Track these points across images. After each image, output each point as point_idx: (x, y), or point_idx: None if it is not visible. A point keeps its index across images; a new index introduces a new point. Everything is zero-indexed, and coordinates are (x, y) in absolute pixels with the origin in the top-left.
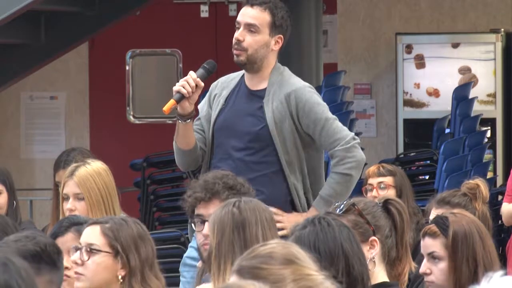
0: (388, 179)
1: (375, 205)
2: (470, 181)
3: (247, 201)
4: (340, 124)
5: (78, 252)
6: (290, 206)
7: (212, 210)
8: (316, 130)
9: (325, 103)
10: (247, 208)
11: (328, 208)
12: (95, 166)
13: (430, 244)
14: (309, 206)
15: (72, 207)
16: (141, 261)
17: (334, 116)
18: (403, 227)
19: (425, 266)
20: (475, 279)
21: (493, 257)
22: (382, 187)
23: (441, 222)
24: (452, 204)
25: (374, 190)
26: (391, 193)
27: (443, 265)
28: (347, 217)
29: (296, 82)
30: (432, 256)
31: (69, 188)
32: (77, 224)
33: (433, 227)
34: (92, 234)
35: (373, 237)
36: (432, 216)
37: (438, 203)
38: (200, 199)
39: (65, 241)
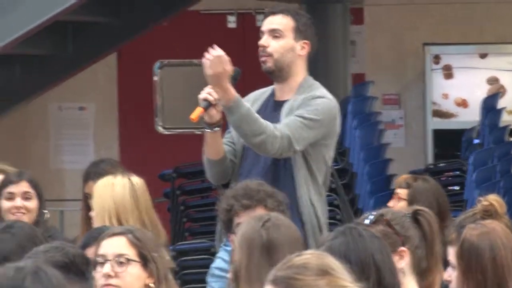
0: (402, 191)
1: (404, 215)
2: (483, 201)
3: (276, 221)
4: (302, 128)
5: (108, 264)
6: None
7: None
8: (291, 110)
9: (324, 112)
10: (276, 229)
11: (238, 108)
12: (135, 181)
13: (449, 252)
14: (317, 217)
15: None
16: (164, 269)
17: (312, 120)
18: (433, 237)
19: (447, 274)
20: None
21: (508, 272)
22: (397, 198)
23: (459, 231)
24: None
25: (393, 200)
26: (401, 205)
27: (456, 273)
28: (376, 227)
29: (321, 91)
30: (450, 264)
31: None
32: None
33: (453, 235)
34: (120, 245)
35: (402, 248)
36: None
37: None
38: (246, 206)
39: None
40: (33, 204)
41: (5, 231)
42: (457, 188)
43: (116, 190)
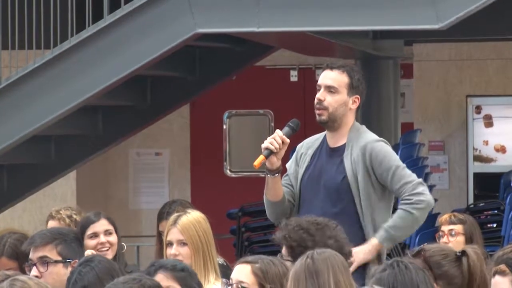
0: (458, 227)
1: (446, 253)
2: None
3: (320, 252)
4: (408, 171)
5: None
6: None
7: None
8: (388, 178)
9: (394, 153)
10: (320, 258)
11: (387, 240)
12: (195, 215)
13: (499, 282)
14: (381, 259)
15: (176, 252)
16: None
17: (403, 164)
18: (473, 277)
19: None
20: None
21: None
22: (453, 234)
23: (511, 262)
24: None
25: (445, 236)
26: (460, 239)
27: None
28: (414, 261)
29: (370, 136)
30: None
31: (173, 235)
32: (163, 267)
33: (503, 266)
34: (243, 273)
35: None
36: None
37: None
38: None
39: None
40: (114, 238)
41: (85, 264)
42: (494, 225)
43: (205, 224)
